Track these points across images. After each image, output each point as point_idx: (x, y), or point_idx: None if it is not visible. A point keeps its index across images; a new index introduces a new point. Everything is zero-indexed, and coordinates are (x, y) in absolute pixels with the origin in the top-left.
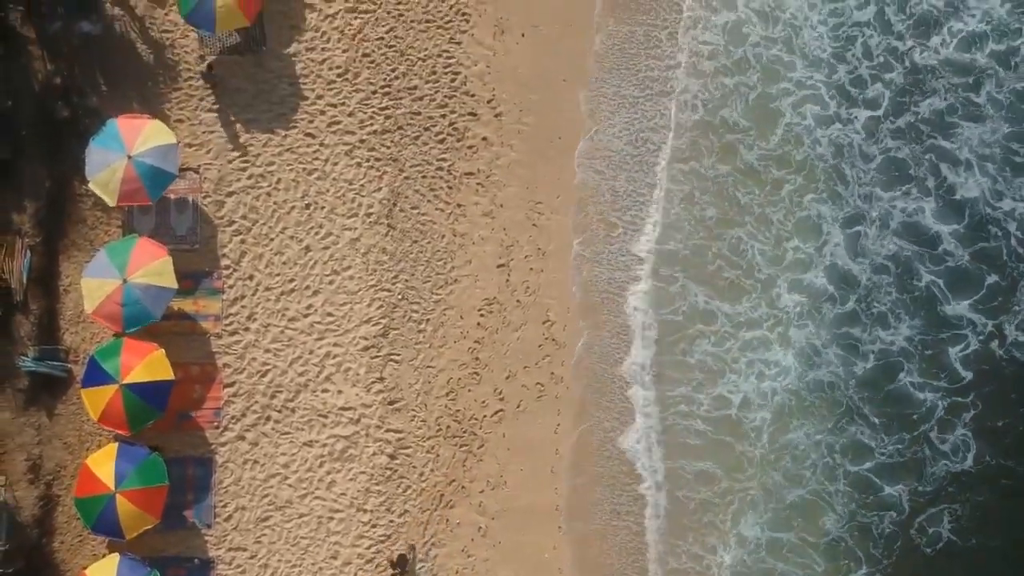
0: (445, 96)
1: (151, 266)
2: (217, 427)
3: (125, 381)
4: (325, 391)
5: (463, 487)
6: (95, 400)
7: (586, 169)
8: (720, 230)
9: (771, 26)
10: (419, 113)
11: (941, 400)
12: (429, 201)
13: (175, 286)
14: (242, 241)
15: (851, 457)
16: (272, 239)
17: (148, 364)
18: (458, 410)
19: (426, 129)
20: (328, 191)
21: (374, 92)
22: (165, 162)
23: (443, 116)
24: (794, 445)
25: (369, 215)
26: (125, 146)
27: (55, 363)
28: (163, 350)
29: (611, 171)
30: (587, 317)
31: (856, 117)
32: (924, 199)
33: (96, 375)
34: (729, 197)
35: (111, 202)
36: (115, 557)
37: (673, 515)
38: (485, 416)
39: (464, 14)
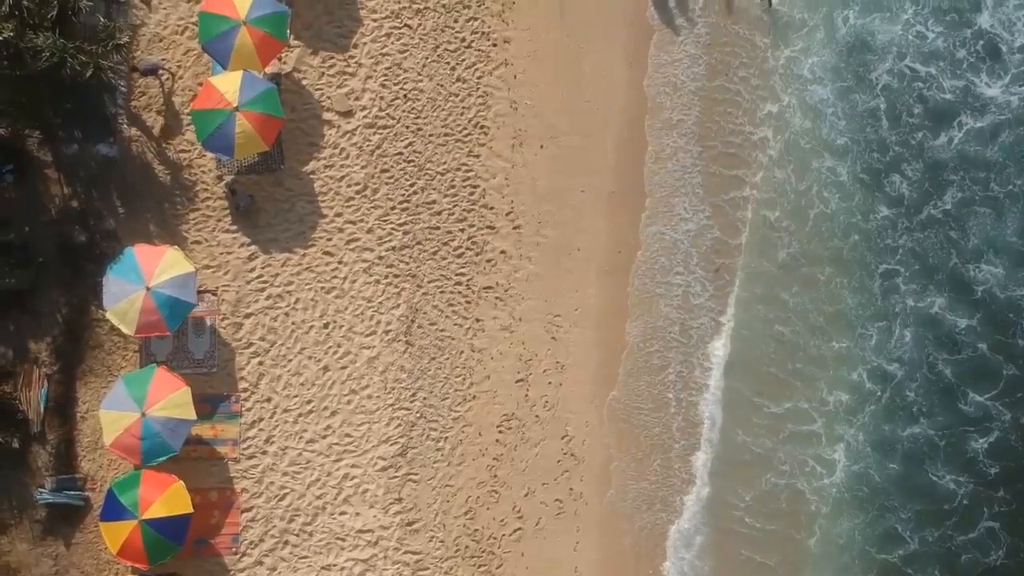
0: (464, 210)
1: (170, 398)
2: (235, 553)
3: (144, 517)
4: (343, 513)
5: None
6: (114, 535)
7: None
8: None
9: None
10: (438, 228)
11: (967, 492)
12: (447, 316)
13: (194, 418)
14: (260, 363)
15: (882, 546)
16: (290, 360)
17: (167, 498)
18: (476, 529)
19: (444, 244)
20: (346, 309)
21: (393, 208)
22: (183, 292)
23: (462, 230)
24: (837, 534)
25: (387, 332)
26: (143, 277)
27: (72, 493)
28: (181, 482)
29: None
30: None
31: (876, 210)
32: (941, 293)
33: (114, 509)
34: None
35: (129, 333)
36: None
37: None
38: (504, 535)
39: (483, 127)
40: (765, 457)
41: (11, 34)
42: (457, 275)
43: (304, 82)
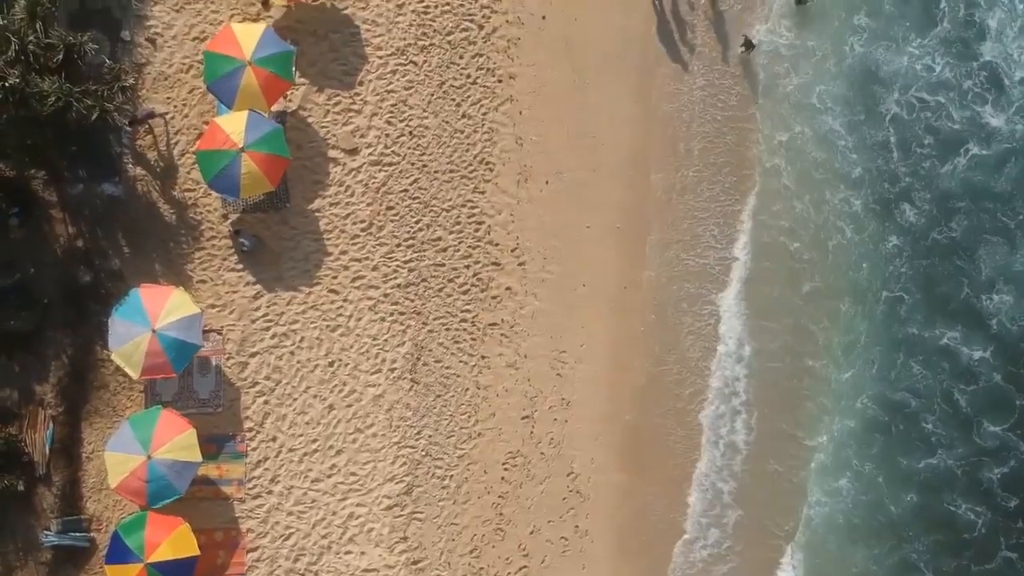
0: (469, 246)
1: (176, 440)
2: None
3: (150, 560)
4: (348, 553)
5: None
6: None
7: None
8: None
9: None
10: (443, 264)
11: (985, 522)
12: (453, 354)
13: (200, 460)
14: (265, 402)
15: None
16: (295, 399)
17: (173, 541)
18: (482, 568)
19: (450, 280)
20: (352, 347)
21: (398, 245)
22: (189, 334)
23: (467, 267)
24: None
25: (393, 370)
26: (149, 319)
27: (78, 534)
28: (187, 524)
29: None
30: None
31: (887, 238)
32: (954, 324)
33: (120, 552)
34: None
35: (135, 375)
36: None
37: None
38: (509, 573)
39: (488, 163)
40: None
41: (17, 80)
42: (462, 312)
43: (310, 120)
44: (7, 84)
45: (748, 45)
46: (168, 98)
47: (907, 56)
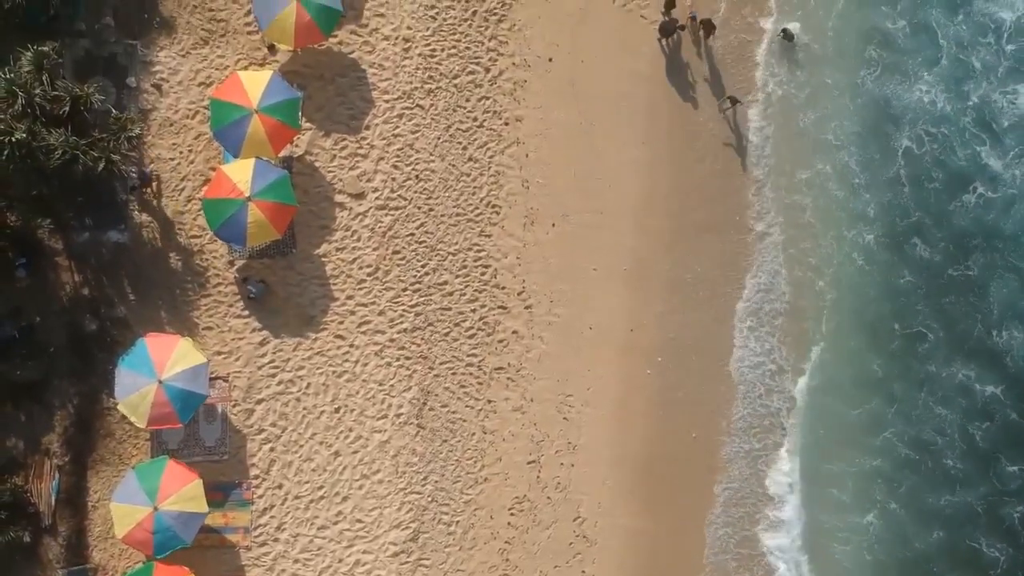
0: (475, 290)
1: (182, 491)
2: None
3: None
4: None
5: None
6: None
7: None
8: None
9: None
10: (449, 308)
11: (1007, 559)
12: (459, 399)
13: (206, 511)
14: (271, 449)
15: None
16: (301, 445)
17: None
18: None
19: (456, 324)
20: (358, 393)
21: (404, 289)
22: (195, 384)
23: (473, 311)
24: None
25: (399, 416)
26: (155, 370)
27: None
28: (193, 573)
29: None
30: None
31: (904, 274)
32: (969, 362)
33: None
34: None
35: (141, 425)
36: None
37: None
38: None
39: (494, 206)
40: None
41: (24, 134)
42: (469, 356)
43: (316, 164)
44: (14, 139)
45: (733, 101)
46: (174, 144)
47: (915, 91)
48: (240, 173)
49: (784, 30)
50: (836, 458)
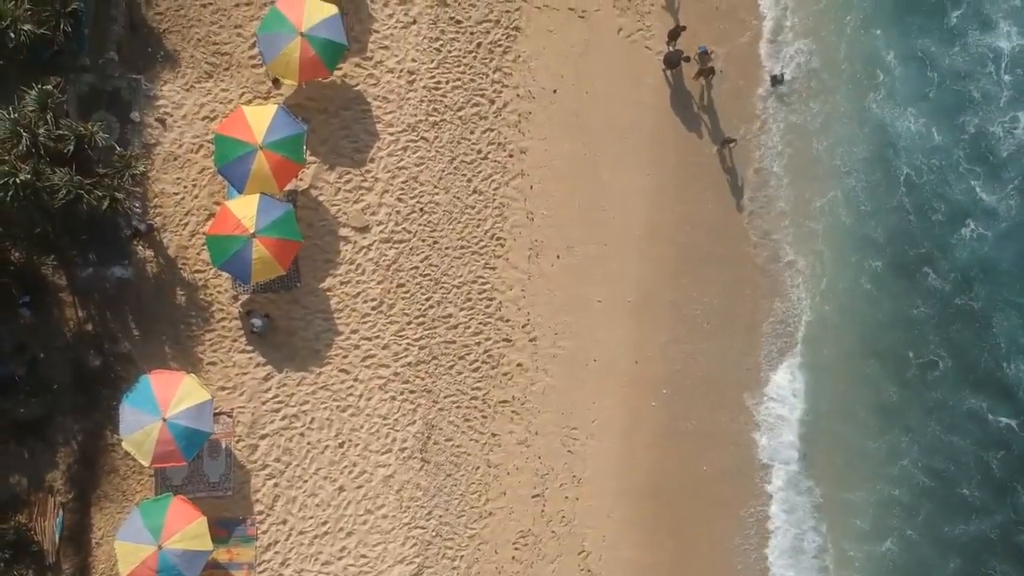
0: (480, 323)
1: (186, 530)
2: None
3: None
4: None
5: None
6: None
7: None
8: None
9: None
10: (454, 342)
11: None
12: (463, 432)
13: (211, 548)
14: (275, 485)
15: None
16: (306, 481)
17: None
18: None
19: (461, 358)
20: (362, 427)
21: (409, 323)
22: (200, 422)
23: (478, 344)
24: None
25: (403, 450)
26: (159, 407)
27: None
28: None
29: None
30: None
31: (915, 303)
32: (980, 392)
33: None
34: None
35: (145, 463)
36: None
37: None
38: None
39: (499, 239)
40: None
41: (28, 175)
42: (473, 389)
43: (320, 198)
44: (19, 180)
45: (727, 142)
46: (178, 178)
47: (910, 122)
48: (244, 209)
49: (772, 76)
50: (854, 487)
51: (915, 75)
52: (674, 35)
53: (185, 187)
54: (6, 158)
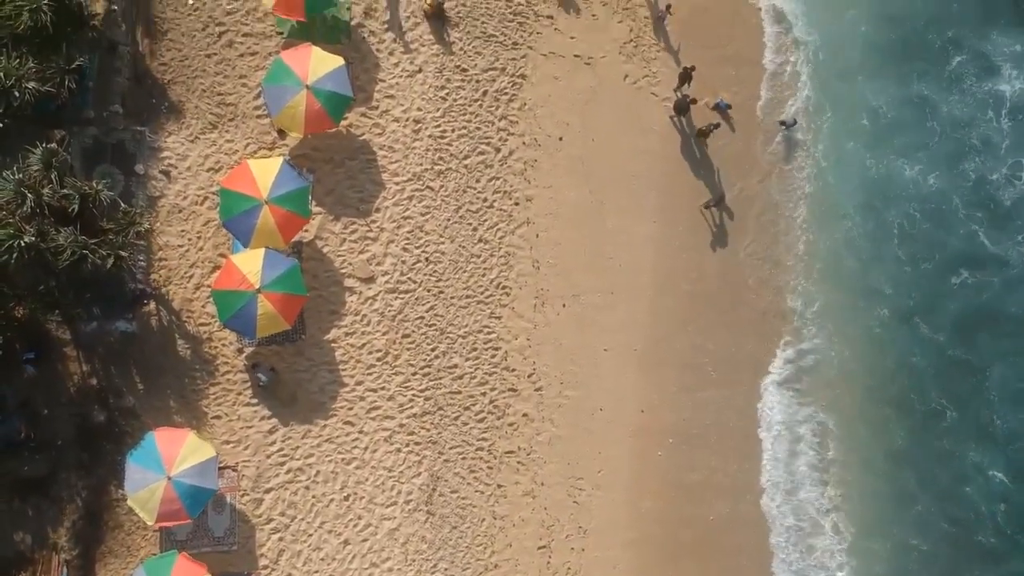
0: (485, 373)
1: None
2: None
3: None
4: None
5: None
6: None
7: None
8: None
9: None
10: (459, 392)
11: None
12: (469, 484)
13: None
14: (280, 539)
15: None
16: (310, 535)
17: None
18: None
19: (466, 408)
20: (367, 480)
21: (414, 373)
22: (204, 479)
23: (483, 394)
24: None
25: (408, 502)
26: (164, 466)
27: None
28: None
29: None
30: None
31: (917, 351)
32: (982, 444)
33: None
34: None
35: (149, 521)
36: None
37: None
38: None
39: (504, 287)
40: None
41: (33, 237)
42: (479, 440)
43: (325, 249)
44: (24, 242)
45: (718, 201)
46: (183, 231)
47: (908, 169)
48: (250, 264)
49: (782, 121)
50: (868, 534)
51: (917, 121)
52: (684, 78)
53: (190, 239)
54: (11, 220)
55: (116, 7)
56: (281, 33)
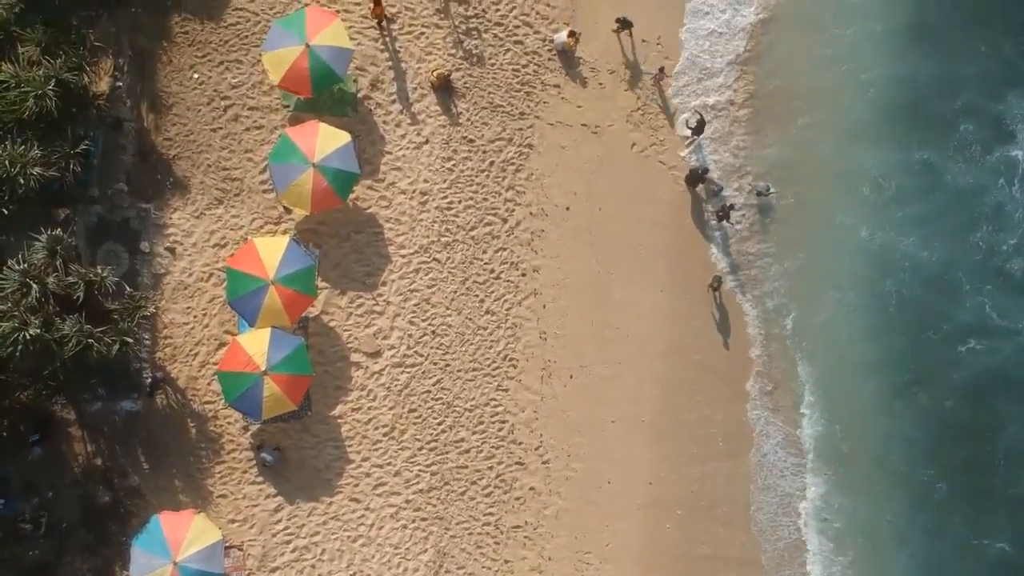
0: (492, 447)
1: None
2: None
3: None
4: None
5: None
6: None
7: None
8: None
9: None
10: (466, 467)
11: None
12: (476, 559)
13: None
14: None
15: None
16: None
17: None
18: None
19: (473, 483)
20: (373, 558)
21: (420, 448)
22: (210, 563)
23: (490, 468)
24: None
25: None
26: (170, 551)
27: None
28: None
29: None
30: None
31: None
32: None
33: None
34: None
35: None
36: None
37: None
38: None
39: (511, 359)
40: None
41: (39, 329)
42: (485, 515)
43: (331, 324)
44: (29, 334)
45: (718, 283)
46: (188, 308)
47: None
48: (256, 345)
49: (759, 192)
50: None
51: (925, 191)
52: (693, 181)
53: (195, 316)
54: (16, 312)
55: (121, 84)
56: (287, 106)
